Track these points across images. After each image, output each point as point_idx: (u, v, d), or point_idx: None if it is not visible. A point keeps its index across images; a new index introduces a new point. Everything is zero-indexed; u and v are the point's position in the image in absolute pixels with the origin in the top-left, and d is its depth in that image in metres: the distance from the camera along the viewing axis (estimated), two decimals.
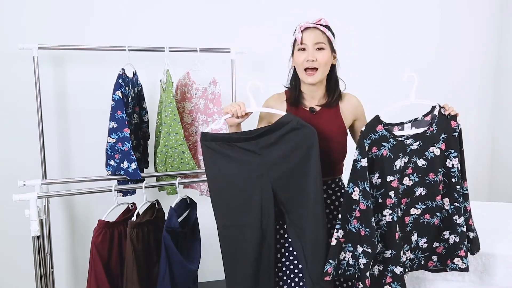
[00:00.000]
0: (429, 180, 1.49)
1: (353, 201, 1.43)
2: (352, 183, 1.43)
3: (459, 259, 1.52)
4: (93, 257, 1.64)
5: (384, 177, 1.45)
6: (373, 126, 1.44)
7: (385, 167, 1.44)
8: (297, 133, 1.43)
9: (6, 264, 2.38)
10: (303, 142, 1.43)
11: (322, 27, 1.50)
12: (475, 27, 3.12)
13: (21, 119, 2.29)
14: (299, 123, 1.43)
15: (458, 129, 1.49)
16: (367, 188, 1.41)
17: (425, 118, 1.49)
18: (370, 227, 1.41)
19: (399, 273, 1.47)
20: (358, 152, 1.43)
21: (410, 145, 1.46)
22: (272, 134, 1.45)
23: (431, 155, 1.47)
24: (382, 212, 1.46)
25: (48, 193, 1.97)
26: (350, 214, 1.44)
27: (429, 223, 1.52)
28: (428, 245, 1.54)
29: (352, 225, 1.44)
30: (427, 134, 1.47)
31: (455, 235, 1.51)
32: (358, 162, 1.42)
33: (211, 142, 1.47)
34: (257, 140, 1.45)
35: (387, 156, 1.44)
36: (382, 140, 1.44)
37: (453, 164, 1.49)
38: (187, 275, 1.74)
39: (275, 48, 2.40)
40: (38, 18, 2.28)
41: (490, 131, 3.29)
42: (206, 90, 2.20)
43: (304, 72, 1.50)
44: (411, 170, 1.47)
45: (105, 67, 2.32)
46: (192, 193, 2.13)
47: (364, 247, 1.43)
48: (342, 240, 1.45)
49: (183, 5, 2.51)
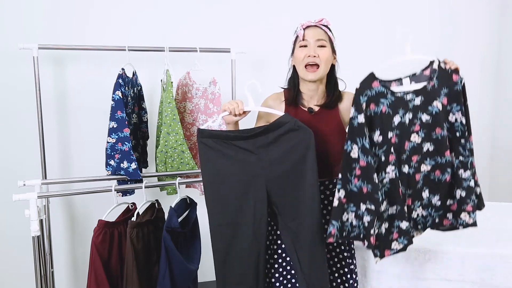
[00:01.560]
0: (436, 135, 1.45)
1: (352, 159, 1.40)
2: (350, 141, 1.40)
3: (466, 214, 1.47)
4: (93, 257, 1.63)
5: (385, 134, 1.42)
6: (368, 82, 1.42)
7: (385, 124, 1.42)
8: (294, 134, 1.43)
9: (6, 264, 2.38)
10: (300, 144, 1.43)
11: (324, 27, 1.51)
12: (475, 27, 3.12)
13: (21, 119, 2.29)
14: (296, 124, 1.43)
15: (461, 83, 1.45)
16: (366, 145, 1.38)
17: (424, 72, 1.46)
18: (372, 183, 1.39)
19: (405, 228, 1.44)
20: (353, 109, 1.40)
21: (411, 101, 1.43)
22: (270, 134, 1.45)
23: (436, 110, 1.43)
24: (385, 169, 1.43)
25: (48, 193, 1.97)
26: (350, 173, 1.41)
27: (440, 180, 1.48)
28: (441, 202, 1.50)
29: (353, 184, 1.42)
30: (428, 89, 1.43)
31: (461, 189, 1.47)
32: (355, 119, 1.40)
33: (207, 139, 1.46)
34: (255, 139, 1.45)
35: (386, 113, 1.42)
36: (379, 96, 1.41)
37: (456, 118, 1.46)
38: (187, 275, 1.74)
39: (275, 48, 2.40)
40: (38, 18, 2.28)
41: (490, 131, 3.29)
42: (206, 90, 2.21)
43: (305, 69, 1.50)
44: (418, 126, 1.44)
45: (105, 67, 2.32)
46: (192, 193, 2.12)
47: (367, 204, 1.40)
48: (344, 201, 1.43)
49: (183, 5, 2.51)
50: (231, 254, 1.50)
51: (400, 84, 1.45)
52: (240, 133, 1.48)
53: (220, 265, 1.52)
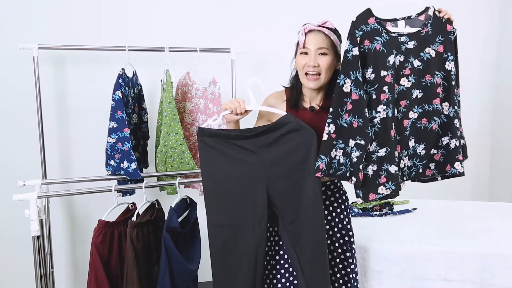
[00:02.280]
0: (426, 82, 1.44)
1: (344, 93, 1.38)
2: (344, 74, 1.38)
3: (459, 163, 1.46)
4: (93, 257, 1.63)
5: (378, 72, 1.40)
6: (364, 17, 1.41)
7: (378, 62, 1.40)
8: (296, 135, 1.42)
9: (6, 264, 2.38)
10: (302, 144, 1.42)
11: (327, 31, 1.47)
12: (475, 27, 3.12)
13: (21, 119, 2.29)
14: (299, 124, 1.42)
15: (454, 33, 1.44)
16: (360, 78, 1.37)
17: (419, 17, 1.45)
18: (363, 118, 1.37)
19: (393, 172, 1.41)
20: (349, 41, 1.39)
21: (404, 43, 1.42)
22: (271, 134, 1.43)
23: (427, 56, 1.42)
24: (376, 109, 1.41)
25: (48, 193, 1.97)
26: (341, 108, 1.39)
27: (426, 128, 1.46)
28: (425, 151, 1.48)
29: (344, 120, 1.40)
30: (422, 34, 1.43)
31: (455, 139, 1.45)
32: (349, 52, 1.38)
33: (208, 138, 1.45)
34: (256, 138, 1.44)
35: (380, 51, 1.40)
36: (374, 33, 1.40)
37: (451, 67, 1.44)
38: (187, 275, 1.74)
39: (275, 48, 2.41)
40: (38, 18, 2.28)
41: (490, 131, 3.29)
42: (206, 90, 2.20)
43: (305, 76, 1.49)
44: (409, 71, 1.42)
45: (105, 67, 2.32)
46: (192, 193, 2.12)
47: (357, 140, 1.38)
48: (333, 136, 1.41)
49: (183, 6, 2.51)
50: (228, 255, 1.49)
51: (395, 25, 1.44)
52: (241, 133, 1.46)
53: (217, 266, 1.51)
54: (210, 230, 1.50)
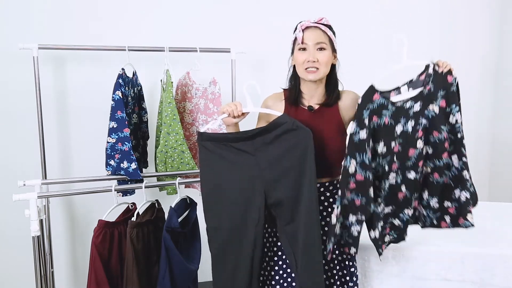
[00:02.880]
0: (434, 138, 1.45)
1: (349, 174, 1.42)
2: (350, 156, 1.41)
3: (471, 215, 1.49)
4: (93, 257, 1.63)
5: (389, 144, 1.44)
6: (369, 96, 1.43)
7: (388, 134, 1.43)
8: (292, 135, 1.42)
9: (6, 264, 2.38)
10: (298, 144, 1.41)
11: (324, 27, 1.49)
12: (475, 27, 3.12)
13: (21, 119, 2.29)
14: (295, 124, 1.41)
15: (456, 82, 1.45)
16: (366, 160, 1.39)
17: (420, 77, 1.47)
18: (367, 197, 1.40)
19: (397, 224, 1.48)
20: (355, 124, 1.41)
21: (411, 108, 1.43)
22: (268, 135, 1.44)
23: (432, 113, 1.44)
24: (388, 177, 1.46)
25: (48, 193, 1.97)
26: (346, 187, 1.43)
27: (438, 182, 1.49)
28: (439, 205, 1.52)
29: (346, 198, 1.43)
30: (425, 94, 1.44)
31: (465, 191, 1.48)
32: (356, 134, 1.40)
33: (207, 142, 1.46)
34: (253, 140, 1.44)
35: (388, 124, 1.43)
36: (381, 108, 1.42)
37: (457, 119, 1.45)
38: (187, 275, 1.74)
39: (275, 48, 2.40)
40: (38, 18, 2.28)
41: (490, 131, 3.29)
42: (206, 90, 2.20)
43: (305, 71, 1.49)
44: (421, 132, 1.44)
45: (105, 67, 2.32)
46: (192, 193, 2.12)
47: (358, 215, 1.42)
48: (339, 216, 1.45)
49: (183, 6, 2.51)
50: (227, 257, 1.50)
51: (399, 92, 1.45)
52: (238, 135, 1.47)
53: (216, 268, 1.53)
54: (209, 233, 1.51)
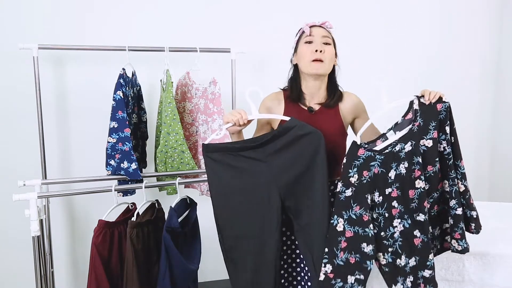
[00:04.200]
0: (428, 173, 1.45)
1: (338, 232, 1.39)
2: (337, 215, 1.40)
3: (455, 242, 1.49)
4: (93, 257, 1.63)
5: (383, 192, 1.42)
6: (353, 153, 1.40)
7: (380, 183, 1.41)
8: (303, 140, 1.41)
9: (6, 264, 2.38)
10: (309, 147, 1.41)
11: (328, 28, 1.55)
12: (475, 27, 3.12)
13: (21, 119, 2.29)
14: (304, 127, 1.41)
15: (446, 108, 1.43)
16: (353, 215, 1.38)
17: (406, 117, 1.45)
18: (360, 253, 1.38)
19: (428, 276, 1.44)
20: (341, 184, 1.39)
21: (401, 150, 1.41)
22: (278, 141, 1.43)
23: (423, 148, 1.43)
24: (392, 224, 1.43)
25: (48, 193, 1.96)
26: (336, 247, 1.40)
27: (439, 212, 1.51)
28: (440, 231, 1.54)
29: (339, 258, 1.40)
30: (414, 131, 1.42)
31: (450, 217, 1.49)
32: (342, 193, 1.39)
33: (213, 153, 1.43)
34: (263, 147, 1.43)
35: (379, 173, 1.41)
36: (368, 161, 1.40)
37: (444, 147, 1.45)
38: (187, 275, 1.74)
39: (275, 48, 2.41)
40: (38, 18, 2.28)
41: (490, 131, 3.29)
42: (206, 90, 2.20)
43: (311, 63, 1.49)
44: (419, 171, 1.43)
45: (105, 67, 2.32)
46: (192, 193, 2.13)
47: (356, 275, 1.39)
48: (331, 276, 1.40)
49: (183, 5, 2.51)
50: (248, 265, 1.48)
51: (385, 139, 1.43)
52: (246, 143, 1.45)
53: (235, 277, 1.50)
54: (228, 243, 1.48)
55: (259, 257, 1.46)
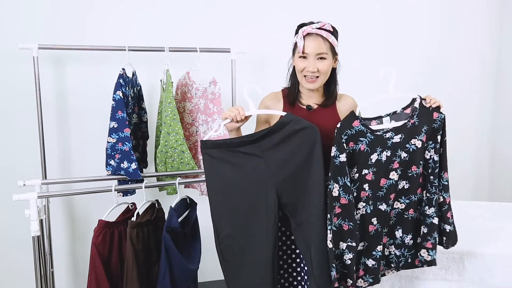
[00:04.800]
0: (412, 173, 1.48)
1: (334, 198, 1.42)
2: (333, 180, 1.42)
3: (425, 251, 1.51)
4: (93, 257, 1.63)
5: (361, 171, 1.45)
6: (348, 122, 1.43)
7: (361, 161, 1.44)
8: (299, 134, 1.42)
9: (6, 264, 2.38)
10: (306, 142, 1.41)
11: (325, 33, 1.46)
12: (475, 27, 3.12)
13: (21, 119, 2.29)
14: (300, 122, 1.42)
15: (441, 119, 1.48)
16: (348, 183, 1.41)
17: (405, 111, 1.49)
18: (353, 221, 1.42)
19: (371, 266, 1.47)
20: (335, 148, 1.41)
21: (390, 139, 1.45)
22: (275, 135, 1.43)
23: (413, 147, 1.46)
24: (357, 206, 1.46)
25: (48, 193, 1.97)
26: (331, 212, 1.43)
27: (413, 218, 1.52)
28: (413, 241, 1.54)
29: (333, 223, 1.43)
30: (408, 127, 1.45)
31: (424, 225, 1.51)
32: (336, 158, 1.41)
33: (211, 150, 1.44)
34: (259, 142, 1.43)
35: (364, 151, 1.43)
36: (359, 135, 1.43)
37: (431, 155, 1.49)
38: (187, 275, 1.74)
39: (275, 48, 2.41)
40: (38, 18, 2.28)
41: (490, 131, 3.29)
42: (206, 90, 2.20)
43: (304, 78, 1.50)
44: (397, 164, 1.46)
45: (105, 67, 2.32)
46: (192, 193, 2.12)
47: (348, 242, 1.42)
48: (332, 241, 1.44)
49: (183, 5, 2.51)
50: (244, 264, 1.47)
51: (380, 122, 1.47)
52: (244, 138, 1.45)
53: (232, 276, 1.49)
54: (222, 241, 1.48)
55: (256, 255, 1.46)
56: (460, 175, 3.05)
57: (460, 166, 3.12)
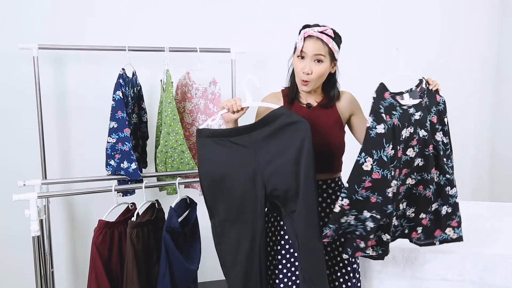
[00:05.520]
0: (428, 152, 1.46)
1: (364, 172, 1.31)
2: (365, 152, 1.31)
3: (451, 229, 1.52)
4: (94, 257, 1.64)
5: (396, 148, 1.37)
6: (382, 92, 1.38)
7: (396, 137, 1.37)
8: (290, 126, 1.42)
9: (6, 264, 2.38)
10: (297, 136, 1.41)
11: (326, 38, 1.46)
12: (475, 27, 3.12)
13: (21, 119, 2.30)
14: (292, 116, 1.42)
15: (443, 102, 1.50)
16: (384, 157, 1.31)
17: (418, 89, 1.49)
18: (384, 196, 1.33)
19: (385, 240, 1.46)
20: (372, 118, 1.32)
21: (413, 115, 1.43)
22: (265, 128, 1.44)
23: (429, 126, 1.45)
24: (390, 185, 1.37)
25: (48, 193, 1.97)
26: (358, 185, 1.33)
27: (421, 194, 1.50)
28: (415, 215, 1.52)
29: (360, 194, 1.34)
30: (423, 105, 1.45)
31: (447, 205, 1.51)
32: (372, 129, 1.31)
33: (205, 139, 1.46)
34: (250, 133, 1.44)
35: (397, 125, 1.38)
36: (391, 108, 1.38)
37: (441, 137, 1.49)
38: (187, 275, 1.74)
39: (275, 48, 2.41)
40: (38, 18, 2.28)
41: (490, 131, 3.29)
42: (206, 90, 2.20)
43: (300, 80, 1.51)
44: (416, 141, 1.44)
45: (105, 67, 2.32)
46: (192, 193, 2.12)
47: (373, 213, 1.35)
48: (346, 208, 1.37)
49: (183, 5, 2.51)
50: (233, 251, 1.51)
51: (402, 98, 1.45)
52: (236, 129, 1.47)
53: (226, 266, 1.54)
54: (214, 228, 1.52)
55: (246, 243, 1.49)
56: (460, 175, 3.04)
57: (460, 166, 3.10)
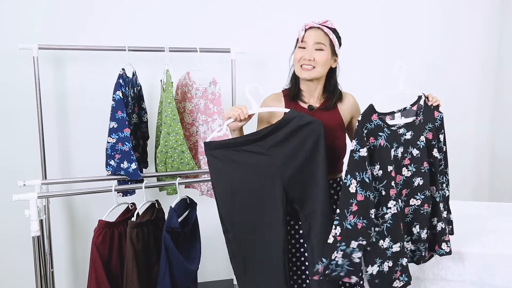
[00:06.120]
0: (424, 169, 1.49)
1: (350, 194, 1.37)
2: (350, 175, 1.37)
3: (445, 244, 1.56)
4: (94, 257, 1.63)
5: (385, 168, 1.42)
6: (368, 115, 1.42)
7: (384, 157, 1.41)
8: (304, 129, 1.43)
9: (6, 264, 2.38)
10: (310, 137, 1.42)
11: (327, 29, 1.50)
12: (475, 27, 3.12)
13: (21, 119, 2.29)
14: (304, 117, 1.43)
15: (440, 118, 1.52)
16: (366, 179, 1.36)
17: (413, 107, 1.50)
18: (368, 219, 1.37)
19: (405, 264, 1.47)
20: (356, 142, 1.38)
21: (403, 135, 1.45)
22: (279, 132, 1.44)
23: (422, 144, 1.47)
24: (387, 205, 1.42)
25: (48, 193, 1.96)
26: (347, 209, 1.38)
27: (428, 212, 1.52)
28: (427, 235, 1.55)
29: (348, 221, 1.38)
30: (416, 124, 1.47)
31: (442, 222, 1.54)
32: (356, 152, 1.37)
33: (215, 151, 1.44)
34: (264, 140, 1.44)
35: (384, 146, 1.42)
36: (377, 130, 1.42)
37: (436, 153, 1.51)
38: (187, 275, 1.74)
39: (275, 48, 2.41)
40: (38, 18, 2.28)
41: (490, 131, 3.29)
42: (206, 90, 2.20)
43: (300, 68, 1.51)
44: (408, 160, 1.47)
45: (105, 67, 2.32)
46: (192, 193, 2.12)
47: (359, 240, 1.38)
48: (338, 239, 1.39)
49: (183, 5, 2.51)
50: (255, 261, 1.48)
51: (392, 118, 1.47)
52: (248, 137, 1.46)
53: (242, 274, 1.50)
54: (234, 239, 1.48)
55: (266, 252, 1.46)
56: (460, 175, 3.05)
57: (460, 166, 3.12)
